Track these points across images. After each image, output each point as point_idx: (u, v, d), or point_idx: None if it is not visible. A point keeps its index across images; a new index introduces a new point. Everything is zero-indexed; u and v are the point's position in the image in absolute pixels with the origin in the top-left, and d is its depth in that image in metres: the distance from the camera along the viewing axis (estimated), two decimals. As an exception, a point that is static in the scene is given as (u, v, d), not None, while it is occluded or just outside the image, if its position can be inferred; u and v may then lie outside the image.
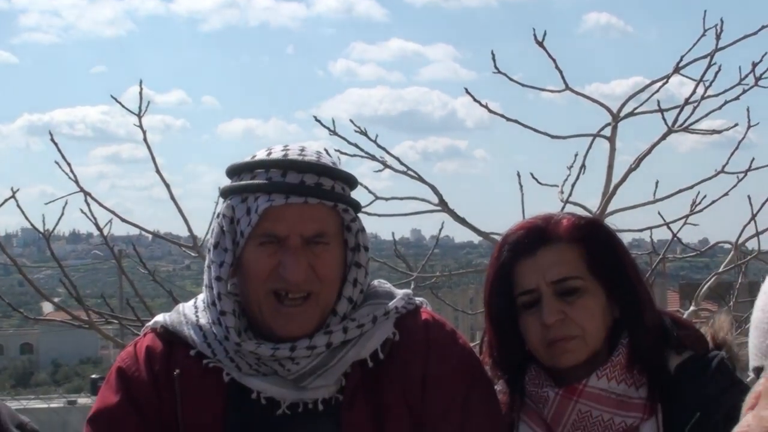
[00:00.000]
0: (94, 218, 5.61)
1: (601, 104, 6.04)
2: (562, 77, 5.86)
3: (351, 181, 2.78)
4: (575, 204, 5.78)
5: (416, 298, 2.88)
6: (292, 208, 2.65)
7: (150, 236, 6.69)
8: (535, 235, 2.87)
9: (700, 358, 2.83)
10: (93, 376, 49.33)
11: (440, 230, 6.32)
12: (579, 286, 2.82)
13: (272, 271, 2.66)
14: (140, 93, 5.67)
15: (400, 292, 2.85)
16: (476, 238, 6.10)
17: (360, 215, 2.81)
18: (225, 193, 2.76)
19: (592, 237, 2.87)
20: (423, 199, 5.96)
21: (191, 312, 2.82)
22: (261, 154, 2.76)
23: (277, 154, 2.73)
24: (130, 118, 5.69)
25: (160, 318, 2.88)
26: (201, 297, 2.84)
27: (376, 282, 2.88)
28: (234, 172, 2.77)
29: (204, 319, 2.77)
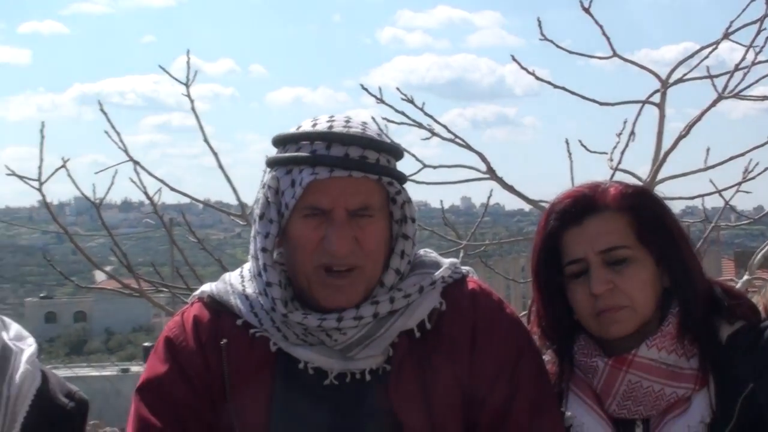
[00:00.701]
0: (144, 187, 5.65)
1: (650, 71, 5.97)
2: (610, 44, 5.81)
3: (396, 153, 2.76)
4: (625, 171, 5.73)
5: (463, 267, 2.86)
6: (337, 181, 2.63)
7: (200, 206, 6.71)
8: (583, 204, 2.84)
9: (752, 328, 2.79)
10: (146, 344, 49.66)
11: (488, 198, 6.30)
12: (627, 256, 2.79)
13: (318, 244, 2.65)
14: (187, 63, 5.72)
15: (446, 261, 2.83)
16: (527, 206, 6.06)
17: (408, 183, 2.79)
18: (270, 163, 2.75)
19: (640, 205, 2.83)
20: (471, 167, 5.92)
21: (237, 281, 2.82)
22: (306, 125, 2.74)
23: (322, 125, 2.71)
24: (180, 87, 5.71)
25: (206, 287, 2.88)
26: (247, 266, 2.84)
27: (422, 251, 2.86)
28: (280, 142, 2.75)
29: (250, 289, 2.77)
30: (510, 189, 5.86)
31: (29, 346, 2.81)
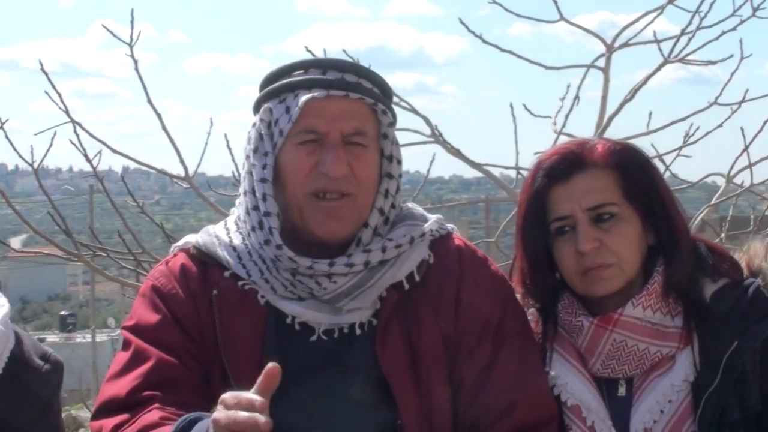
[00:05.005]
0: (84, 149, 5.61)
1: (596, 35, 6.01)
2: (557, 7, 5.85)
3: (388, 91, 2.79)
4: (569, 135, 5.74)
5: (448, 225, 2.86)
6: (333, 102, 2.65)
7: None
8: (570, 161, 2.80)
9: (736, 285, 2.78)
10: (62, 312, 49.18)
11: (431, 162, 6.27)
12: (615, 213, 2.76)
13: (311, 170, 2.65)
14: (131, 22, 5.72)
15: (432, 216, 2.83)
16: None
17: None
18: (261, 99, 2.75)
19: (627, 162, 2.80)
20: (416, 131, 5.91)
21: (223, 233, 2.79)
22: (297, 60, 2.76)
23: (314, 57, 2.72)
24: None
25: (191, 238, 2.85)
26: (231, 219, 2.83)
27: (410, 204, 2.87)
28: (271, 78, 2.76)
29: (237, 240, 2.75)
30: (456, 153, 5.85)
31: (1, 307, 2.71)
